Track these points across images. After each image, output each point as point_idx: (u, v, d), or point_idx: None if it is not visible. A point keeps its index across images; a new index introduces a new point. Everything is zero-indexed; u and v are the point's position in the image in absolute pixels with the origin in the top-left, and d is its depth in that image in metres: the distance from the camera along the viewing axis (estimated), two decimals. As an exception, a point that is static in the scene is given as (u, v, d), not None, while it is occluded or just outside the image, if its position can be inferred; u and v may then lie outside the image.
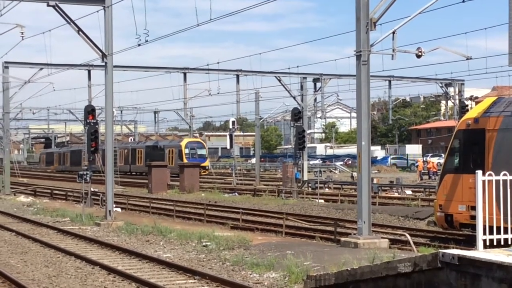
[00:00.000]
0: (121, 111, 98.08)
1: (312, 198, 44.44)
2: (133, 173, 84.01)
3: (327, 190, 51.39)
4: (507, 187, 13.83)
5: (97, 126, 36.10)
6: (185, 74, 57.25)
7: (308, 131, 58.66)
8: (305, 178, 53.77)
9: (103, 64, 31.64)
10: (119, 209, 38.08)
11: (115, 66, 33.70)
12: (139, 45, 28.87)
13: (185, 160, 74.48)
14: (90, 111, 36.82)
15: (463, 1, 25.27)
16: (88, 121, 36.20)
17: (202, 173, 76.99)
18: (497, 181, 13.79)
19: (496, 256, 11.12)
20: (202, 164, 76.84)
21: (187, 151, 77.14)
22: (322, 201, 42.50)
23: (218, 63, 52.36)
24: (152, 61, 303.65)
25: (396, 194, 45.99)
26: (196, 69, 57.73)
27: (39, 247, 24.06)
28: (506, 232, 13.54)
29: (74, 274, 18.59)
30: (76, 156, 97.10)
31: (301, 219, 32.27)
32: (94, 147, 35.46)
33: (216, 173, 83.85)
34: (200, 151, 78.82)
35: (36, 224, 31.53)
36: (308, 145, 76.39)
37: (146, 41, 28.17)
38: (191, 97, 62.24)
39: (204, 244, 23.48)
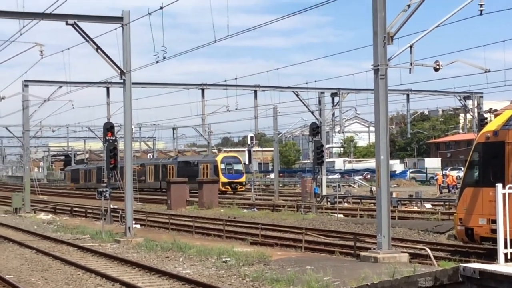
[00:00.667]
0: (140, 128, 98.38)
1: (331, 212, 44.33)
2: (164, 190, 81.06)
3: (346, 204, 51.23)
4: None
5: (116, 143, 36.20)
6: (203, 90, 57.43)
7: (327, 146, 58.62)
8: (324, 192, 53.65)
9: (122, 81, 31.82)
10: (138, 226, 38.16)
11: (133, 83, 33.87)
12: (157, 62, 28.99)
13: (221, 176, 73.20)
14: (109, 128, 36.95)
15: (481, 14, 25.21)
16: (107, 138, 36.31)
17: (240, 189, 75.37)
18: (518, 194, 13.72)
19: (518, 269, 11.05)
20: (239, 180, 76.00)
21: (223, 166, 75.46)
22: (341, 215, 42.37)
23: (236, 78, 52.60)
24: (170, 78, 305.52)
25: (415, 208, 45.76)
26: (214, 85, 57.87)
27: (60, 265, 24.14)
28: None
29: (95, 291, 18.62)
30: (102, 173, 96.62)
31: (320, 234, 32.19)
32: (113, 164, 35.57)
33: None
34: (236, 166, 76.49)
35: (56, 242, 31.64)
36: (327, 160, 76.11)
37: (164, 57, 28.30)
38: (209, 113, 62.29)
39: (223, 260, 23.46)
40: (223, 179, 73.38)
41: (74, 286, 19.52)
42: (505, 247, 13.02)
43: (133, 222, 32.36)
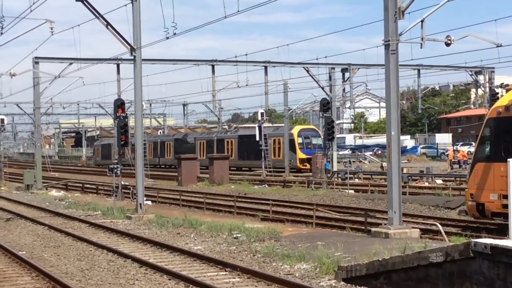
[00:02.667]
0: (150, 104, 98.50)
1: (342, 188, 44.34)
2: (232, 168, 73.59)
3: (357, 180, 51.23)
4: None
5: (126, 119, 36.29)
6: (213, 66, 57.41)
7: (337, 122, 58.55)
8: (335, 168, 53.66)
9: (132, 57, 31.78)
10: (149, 202, 38.29)
11: (143, 60, 33.85)
12: (167, 38, 28.89)
13: (298, 152, 64.67)
14: (119, 104, 37.04)
15: (493, -12, 25.02)
16: (117, 115, 36.42)
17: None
18: (529, 169, 13.67)
19: (529, 245, 11.05)
20: None
21: (300, 140, 65.70)
22: (352, 191, 42.39)
23: (246, 54, 52.52)
24: (181, 54, 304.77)
25: (426, 184, 45.73)
26: (224, 61, 57.82)
27: (72, 241, 24.28)
28: (539, 220, 13.42)
29: (107, 267, 18.73)
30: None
31: (331, 210, 32.22)
32: (124, 141, 35.66)
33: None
34: (315, 140, 65.84)
35: (68, 218, 31.80)
36: (337, 136, 75.66)
37: (174, 34, 28.18)
38: (219, 89, 62.38)
39: (234, 236, 23.53)
40: (300, 155, 64.55)
41: (86, 262, 19.64)
42: (517, 222, 12.98)
43: (144, 198, 32.47)
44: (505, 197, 18.95)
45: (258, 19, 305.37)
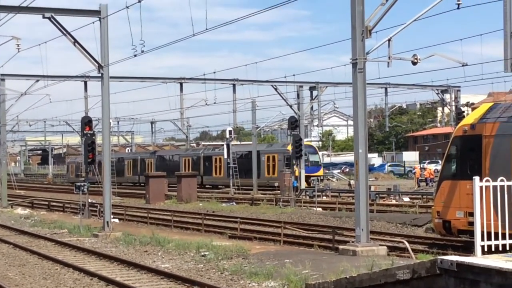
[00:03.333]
0: (118, 122, 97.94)
1: (310, 206, 44.40)
2: (207, 186, 72.47)
3: (324, 198, 51.34)
4: (504, 192, 13.84)
5: (94, 137, 36.08)
6: (181, 84, 57.34)
7: (305, 140, 58.61)
8: (303, 186, 53.73)
9: (99, 75, 31.64)
10: (116, 220, 38.01)
11: (111, 77, 33.72)
12: (135, 55, 28.85)
13: (295, 169, 59.83)
14: (87, 122, 36.83)
15: (458, 8, 25.35)
16: (85, 132, 36.19)
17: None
18: (495, 187, 13.81)
19: (495, 262, 11.13)
20: (316, 174, 63.33)
21: None
22: (320, 209, 42.46)
23: (214, 72, 52.59)
24: (149, 72, 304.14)
25: (393, 201, 45.95)
26: (193, 79, 57.79)
27: (37, 259, 24.00)
28: (504, 238, 13.55)
29: (73, 286, 18.54)
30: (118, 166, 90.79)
31: (299, 227, 32.24)
32: (91, 158, 35.42)
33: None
34: (312, 157, 65.28)
35: (34, 236, 31.45)
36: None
37: (142, 51, 28.15)
38: (187, 107, 62.30)
39: (202, 253, 23.44)
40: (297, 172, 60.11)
41: (52, 281, 19.42)
42: (482, 239, 13.09)
43: (112, 216, 32.24)
44: (471, 214, 19.11)
45: (226, 37, 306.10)
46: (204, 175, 74.47)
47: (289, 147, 61.44)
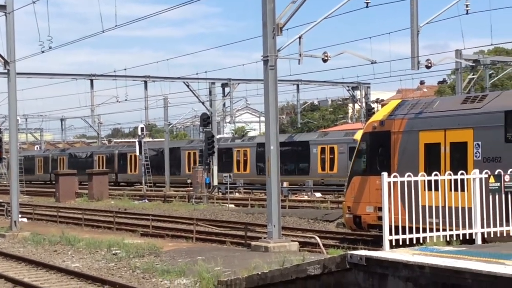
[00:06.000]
0: (26, 119, 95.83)
1: (223, 203, 44.45)
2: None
3: (237, 194, 51.47)
4: (412, 188, 14.13)
5: (1, 134, 35.21)
6: (91, 80, 56.38)
7: (218, 136, 58.56)
8: (215, 183, 53.72)
9: (6, 71, 30.86)
10: (25, 219, 37.15)
11: (18, 73, 32.91)
12: (42, 51, 28.27)
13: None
14: (-7, 119, 35.91)
15: (367, 6, 25.72)
16: (-9, 130, 35.28)
17: None
18: (402, 182, 14.07)
19: (402, 255, 11.34)
20: None
21: None
22: (233, 205, 42.55)
23: (125, 69, 52.00)
24: (58, 68, 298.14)
25: (306, 197, 46.44)
26: (103, 76, 56.97)
27: None
28: (411, 232, 13.82)
29: (-22, 288, 18.03)
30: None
31: (211, 224, 32.22)
32: (-2, 156, 34.56)
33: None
34: None
35: None
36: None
37: (50, 47, 27.62)
38: (98, 104, 61.37)
39: (113, 252, 23.15)
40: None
41: (-44, 283, 18.83)
42: (390, 234, 13.33)
43: (20, 215, 31.50)
44: (381, 209, 19.47)
45: (137, 34, 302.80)
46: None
47: None
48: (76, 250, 24.53)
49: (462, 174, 14.79)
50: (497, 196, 15.09)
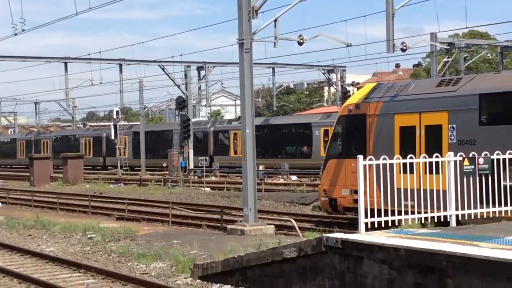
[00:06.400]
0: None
1: (199, 186, 44.41)
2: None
3: (213, 178, 51.44)
4: (387, 171, 14.18)
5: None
6: (66, 64, 55.94)
7: (193, 120, 58.37)
8: (191, 166, 53.66)
9: (-21, 54, 30.55)
10: (-1, 204, 36.96)
11: (-9, 56, 32.61)
12: (15, 34, 28.00)
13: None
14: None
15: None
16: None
17: None
18: (378, 165, 14.11)
19: (377, 238, 11.40)
20: None
21: None
22: (209, 189, 42.53)
23: (100, 52, 51.68)
24: (32, 51, 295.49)
25: (282, 180, 46.51)
26: (78, 59, 56.55)
27: None
28: (386, 214, 13.88)
29: (-48, 273, 17.87)
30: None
31: (187, 208, 32.19)
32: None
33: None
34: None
35: None
36: (194, 134, 75.28)
37: (23, 30, 27.35)
38: (73, 87, 60.99)
39: (89, 236, 23.08)
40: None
41: None
42: (366, 216, 13.37)
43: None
44: (356, 192, 19.55)
45: (112, 16, 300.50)
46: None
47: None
48: (51, 234, 24.42)
49: (437, 157, 14.86)
50: (471, 179, 15.19)
